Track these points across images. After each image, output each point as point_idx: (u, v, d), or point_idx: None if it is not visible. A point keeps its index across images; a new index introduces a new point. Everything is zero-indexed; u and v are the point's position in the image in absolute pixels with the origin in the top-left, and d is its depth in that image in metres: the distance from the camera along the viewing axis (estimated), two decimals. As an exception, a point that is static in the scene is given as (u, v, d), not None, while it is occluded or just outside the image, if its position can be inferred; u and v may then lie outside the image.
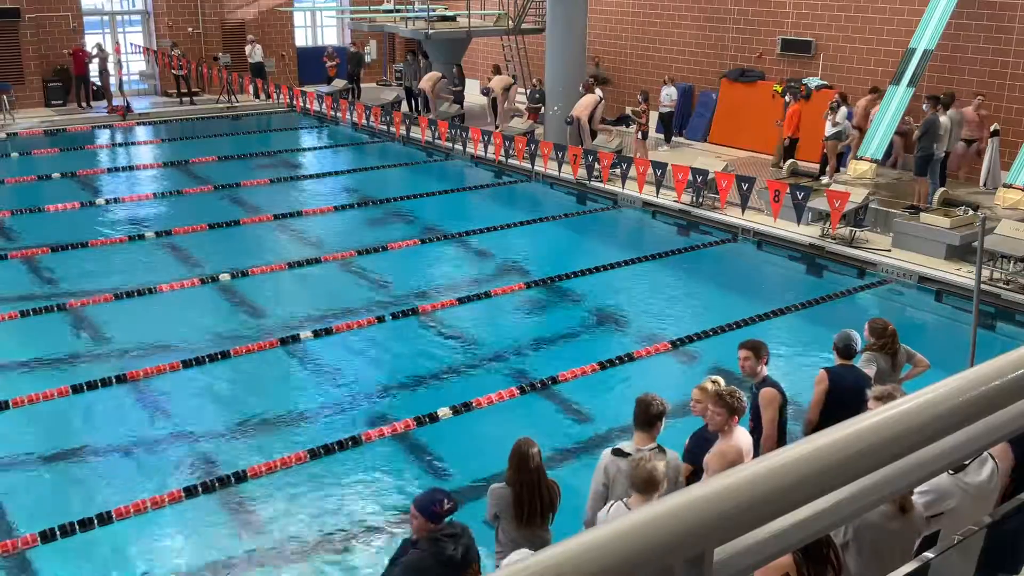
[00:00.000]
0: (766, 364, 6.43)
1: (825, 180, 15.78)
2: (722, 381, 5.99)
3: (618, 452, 5.48)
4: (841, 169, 16.24)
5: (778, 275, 13.90)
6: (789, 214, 13.74)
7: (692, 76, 20.81)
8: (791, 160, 16.67)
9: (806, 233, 13.86)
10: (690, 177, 14.98)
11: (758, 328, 10.99)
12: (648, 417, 5.48)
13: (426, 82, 22.19)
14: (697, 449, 5.86)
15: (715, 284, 13.12)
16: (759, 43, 19.62)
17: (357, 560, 6.93)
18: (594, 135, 18.52)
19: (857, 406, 5.69)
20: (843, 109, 16.02)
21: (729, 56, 20.21)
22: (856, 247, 13.35)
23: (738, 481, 1.30)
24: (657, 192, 15.55)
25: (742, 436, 5.69)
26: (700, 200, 15.37)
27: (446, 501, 4.84)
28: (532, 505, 5.33)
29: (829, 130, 16.04)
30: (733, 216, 14.70)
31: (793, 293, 12.50)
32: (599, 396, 9.36)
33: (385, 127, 20.63)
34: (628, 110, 20.38)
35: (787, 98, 17.21)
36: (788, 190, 13.63)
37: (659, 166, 15.35)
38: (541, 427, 8.44)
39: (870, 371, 6.69)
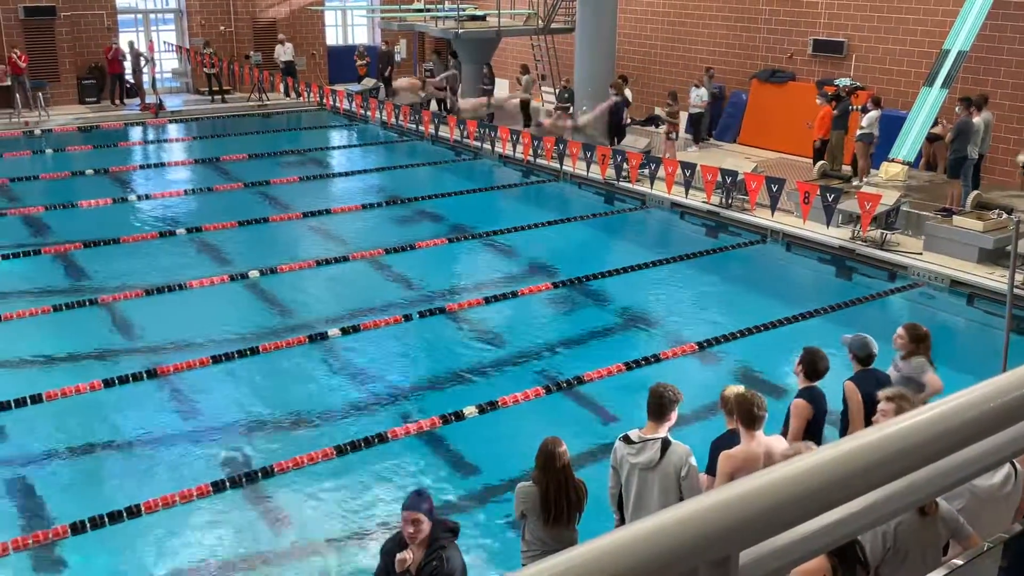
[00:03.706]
0: (803, 372, 6.33)
1: (856, 182, 15.63)
2: (741, 388, 5.91)
3: (626, 438, 5.59)
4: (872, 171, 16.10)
5: (807, 277, 13.79)
6: (819, 216, 13.62)
7: (722, 76, 20.68)
8: (821, 162, 16.53)
9: (836, 235, 13.74)
10: (719, 178, 14.90)
11: (787, 331, 10.92)
12: (658, 406, 5.49)
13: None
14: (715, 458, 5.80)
15: (743, 286, 13.03)
16: (790, 44, 19.48)
17: (378, 559, 6.95)
18: (621, 134, 18.47)
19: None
20: (873, 112, 15.87)
21: (760, 56, 20.09)
22: (887, 250, 13.22)
23: (764, 484, 1.29)
24: (686, 193, 15.48)
25: (763, 444, 5.56)
26: (729, 201, 15.29)
27: (430, 498, 4.91)
28: (559, 505, 5.33)
29: (859, 132, 15.89)
30: (762, 217, 14.60)
31: (822, 296, 12.39)
32: (625, 396, 9.33)
33: (414, 126, 20.71)
34: (658, 111, 20.31)
35: (819, 100, 17.06)
36: (818, 192, 13.52)
37: (688, 167, 15.28)
38: (567, 426, 8.43)
39: (927, 377, 6.63)
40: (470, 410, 8.88)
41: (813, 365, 6.28)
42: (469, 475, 8.07)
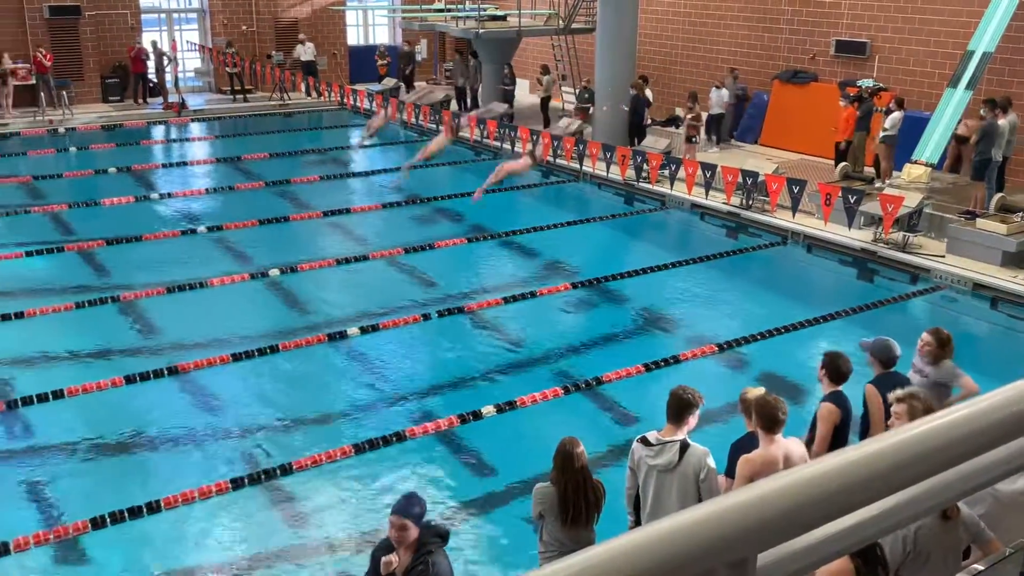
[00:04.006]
0: (827, 376, 6.27)
1: (879, 184, 15.52)
2: (762, 391, 5.87)
3: (644, 440, 5.56)
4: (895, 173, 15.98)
5: (828, 280, 13.71)
6: (841, 217, 13.53)
7: (743, 77, 20.58)
8: (843, 163, 16.43)
9: (858, 237, 13.64)
10: (740, 179, 14.84)
11: (807, 333, 10.86)
12: (676, 408, 5.47)
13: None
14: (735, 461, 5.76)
15: (764, 288, 12.97)
16: (812, 44, 19.36)
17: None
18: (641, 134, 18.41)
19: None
20: (897, 113, 15.75)
21: (781, 57, 19.98)
22: (909, 252, 13.11)
23: (782, 486, 1.29)
24: (706, 194, 15.42)
25: (782, 447, 5.52)
26: (750, 202, 15.21)
27: (422, 503, 4.89)
28: (577, 505, 5.33)
29: (882, 133, 15.79)
30: (783, 219, 14.53)
31: (844, 298, 12.31)
32: (644, 397, 9.31)
33: (434, 126, 20.73)
34: (678, 111, 20.25)
35: (842, 102, 16.95)
36: (840, 193, 13.44)
37: (708, 168, 15.23)
38: (585, 427, 8.42)
39: (962, 380, 6.57)
40: (488, 410, 8.89)
41: (837, 369, 6.22)
42: (486, 475, 8.08)
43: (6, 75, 22.00)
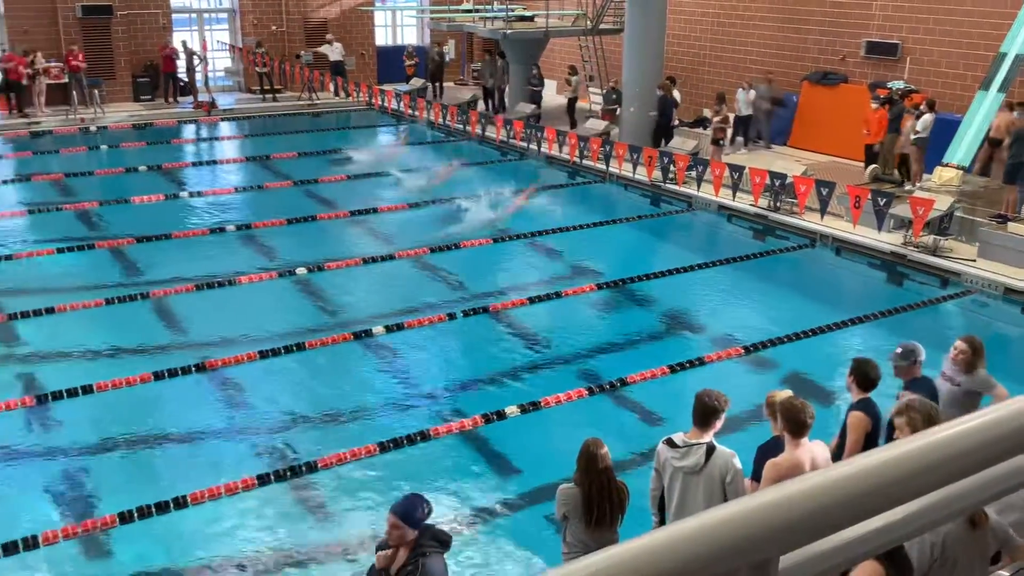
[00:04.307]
0: (855, 384, 6.18)
1: (909, 187, 15.37)
2: (788, 394, 5.82)
3: (670, 442, 5.54)
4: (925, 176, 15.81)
5: (857, 283, 13.58)
6: (870, 220, 13.41)
7: (774, 77, 20.43)
8: (873, 166, 16.28)
9: (887, 241, 13.51)
10: (768, 181, 14.74)
11: (835, 337, 10.78)
12: (702, 412, 5.44)
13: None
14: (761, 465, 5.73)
15: (791, 290, 12.88)
16: (842, 45, 19.20)
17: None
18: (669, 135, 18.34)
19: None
20: (928, 115, 15.58)
21: (811, 58, 19.83)
22: (940, 256, 12.97)
23: (806, 489, 1.28)
24: (733, 195, 15.33)
25: (808, 451, 5.47)
26: (778, 204, 15.11)
27: (424, 507, 4.81)
28: (601, 507, 5.31)
29: (912, 136, 15.62)
30: (812, 221, 14.42)
31: (872, 302, 12.19)
32: (669, 399, 9.27)
33: (461, 126, 20.79)
34: (706, 112, 20.16)
35: (873, 103, 16.79)
36: (869, 196, 13.31)
37: (736, 169, 15.14)
38: (609, 428, 8.39)
39: (997, 390, 6.47)
40: (512, 410, 8.89)
41: (865, 376, 6.13)
42: (510, 475, 8.09)
43: (39, 74, 22.29)
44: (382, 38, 28.67)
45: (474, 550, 7.05)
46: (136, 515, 7.23)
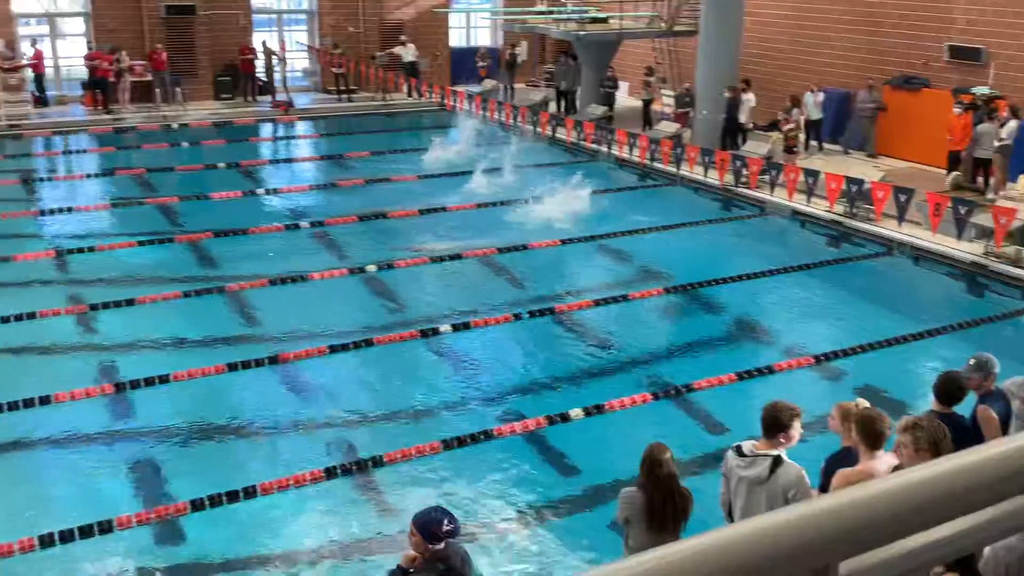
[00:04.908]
0: (936, 398, 5.96)
1: (991, 195, 14.91)
2: (865, 403, 5.69)
3: (738, 449, 5.47)
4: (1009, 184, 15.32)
5: (935, 293, 13.21)
6: (950, 229, 13.04)
7: (851, 82, 20.02)
8: (955, 173, 15.83)
9: (968, 250, 13.12)
10: (844, 186, 14.44)
11: (911, 348, 10.51)
12: (772, 424, 5.33)
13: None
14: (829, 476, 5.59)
15: (866, 299, 12.59)
16: (924, 49, 18.69)
17: (478, 554, 7.02)
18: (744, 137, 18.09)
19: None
20: (1012, 122, 15.09)
21: (891, 62, 19.35)
22: (1022, 267, 12.54)
23: (870, 495, 1.26)
24: (808, 200, 15.06)
25: (883, 464, 5.34)
26: (854, 210, 14.78)
27: (446, 522, 4.78)
28: (664, 512, 5.27)
29: (996, 143, 15.15)
30: (889, 228, 14.07)
31: (951, 313, 11.85)
32: (735, 407, 9.15)
33: (532, 127, 20.82)
34: (781, 116, 19.82)
35: (955, 109, 16.32)
36: (950, 204, 12.95)
37: (811, 174, 14.87)
38: (674, 434, 8.31)
39: None
40: (576, 412, 8.88)
41: (946, 390, 5.97)
42: (572, 477, 8.08)
43: (125, 72, 23.01)
44: (456, 40, 28.87)
45: (534, 551, 7.06)
46: (208, 503, 7.41)
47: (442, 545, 4.79)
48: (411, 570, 4.84)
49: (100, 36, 23.64)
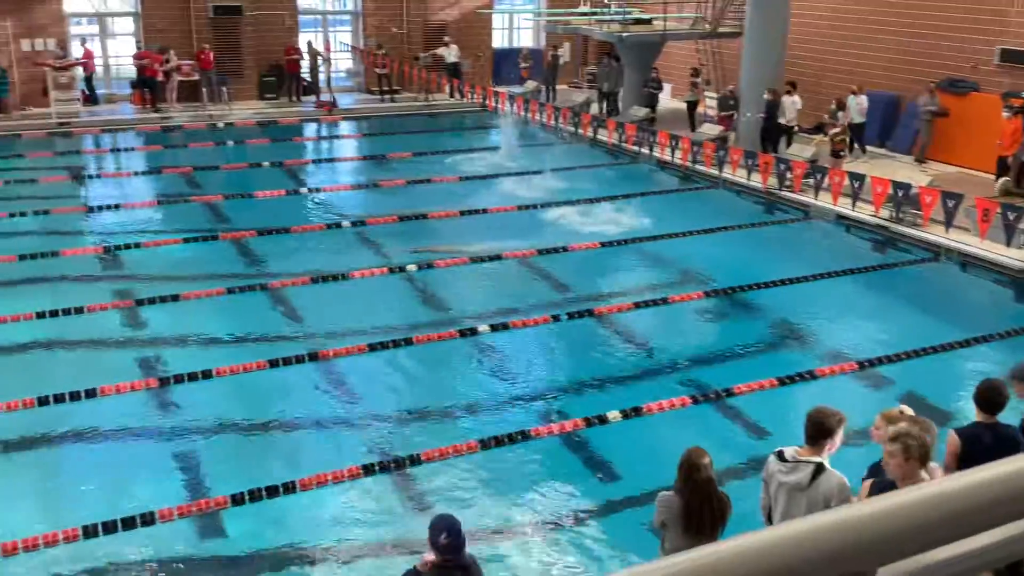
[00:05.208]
0: (977, 406, 5.82)
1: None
2: (910, 411, 5.60)
3: (780, 455, 5.40)
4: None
5: (983, 300, 12.96)
6: (999, 235, 12.79)
7: (899, 84, 19.72)
8: (1004, 178, 15.53)
9: (1017, 257, 12.85)
10: (890, 190, 14.23)
11: (957, 356, 10.34)
12: (815, 431, 5.26)
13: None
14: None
15: (912, 305, 12.40)
16: (974, 52, 18.36)
17: (513, 554, 7.03)
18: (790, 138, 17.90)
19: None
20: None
21: (940, 65, 19.02)
22: (1074, 275, 12.27)
23: (911, 501, 1.24)
24: (853, 205, 14.86)
25: (931, 472, 5.23)
26: (900, 215, 14.55)
27: (444, 535, 4.75)
28: (701, 517, 5.24)
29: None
30: (936, 234, 13.84)
31: (999, 320, 11.62)
32: (776, 412, 9.06)
33: (573, 128, 20.79)
34: (827, 119, 19.59)
35: (1005, 113, 16.00)
36: (999, 209, 12.70)
37: (857, 178, 14.67)
38: (713, 438, 8.24)
39: None
40: (614, 414, 8.85)
41: (986, 399, 5.84)
42: (609, 480, 8.05)
43: (173, 71, 23.38)
44: (499, 41, 28.93)
45: (570, 554, 7.05)
46: (248, 497, 7.50)
47: (449, 556, 4.76)
48: (422, 573, 4.85)
49: (149, 36, 24.03)
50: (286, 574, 6.86)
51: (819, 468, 5.21)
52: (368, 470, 7.93)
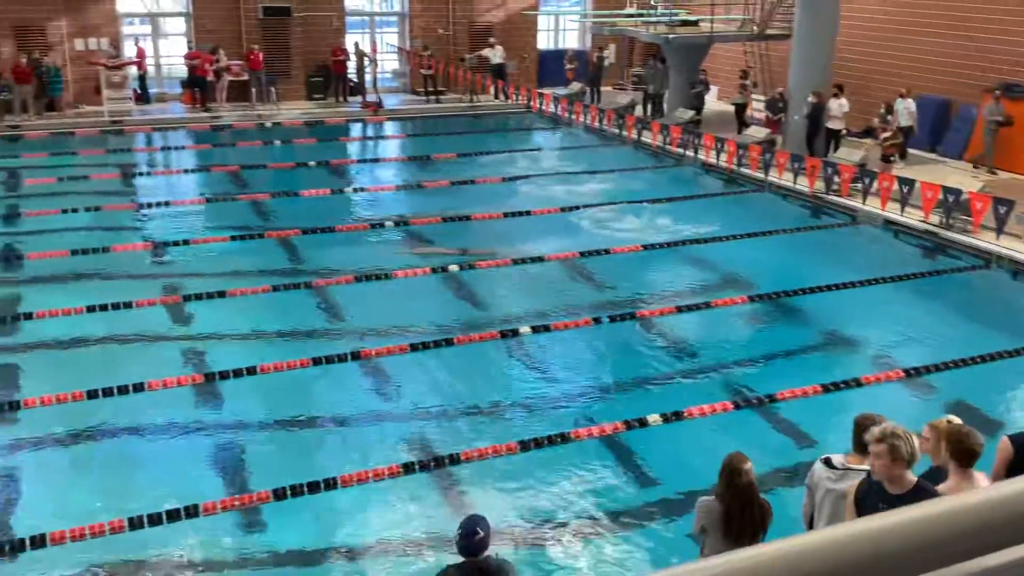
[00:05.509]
0: None
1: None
2: (957, 420, 5.49)
3: (827, 461, 5.36)
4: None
5: (1034, 309, 12.69)
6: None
7: (950, 88, 19.36)
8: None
9: (1071, 265, 12.57)
10: (940, 196, 13.98)
11: (1007, 365, 10.12)
12: (859, 440, 5.19)
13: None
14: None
15: (961, 313, 12.17)
16: (1029, 55, 17.96)
17: (552, 555, 7.02)
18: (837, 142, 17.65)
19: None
20: None
21: (992, 69, 18.64)
22: None
23: (953, 509, 1.22)
24: (902, 210, 14.62)
25: (975, 482, 5.12)
26: (950, 221, 14.29)
27: (458, 536, 4.86)
28: (742, 522, 5.19)
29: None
30: (987, 241, 13.57)
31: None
32: (820, 419, 8.95)
33: (617, 130, 20.72)
34: (876, 122, 19.30)
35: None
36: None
37: (906, 182, 14.43)
38: (755, 444, 8.14)
39: None
40: (654, 418, 8.79)
41: None
42: (648, 484, 8.01)
43: (223, 71, 23.71)
44: (544, 42, 28.93)
45: (608, 558, 7.03)
46: (290, 493, 7.58)
47: (478, 557, 4.81)
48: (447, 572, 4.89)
49: (200, 36, 24.41)
50: (326, 568, 6.93)
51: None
52: (408, 468, 7.97)
